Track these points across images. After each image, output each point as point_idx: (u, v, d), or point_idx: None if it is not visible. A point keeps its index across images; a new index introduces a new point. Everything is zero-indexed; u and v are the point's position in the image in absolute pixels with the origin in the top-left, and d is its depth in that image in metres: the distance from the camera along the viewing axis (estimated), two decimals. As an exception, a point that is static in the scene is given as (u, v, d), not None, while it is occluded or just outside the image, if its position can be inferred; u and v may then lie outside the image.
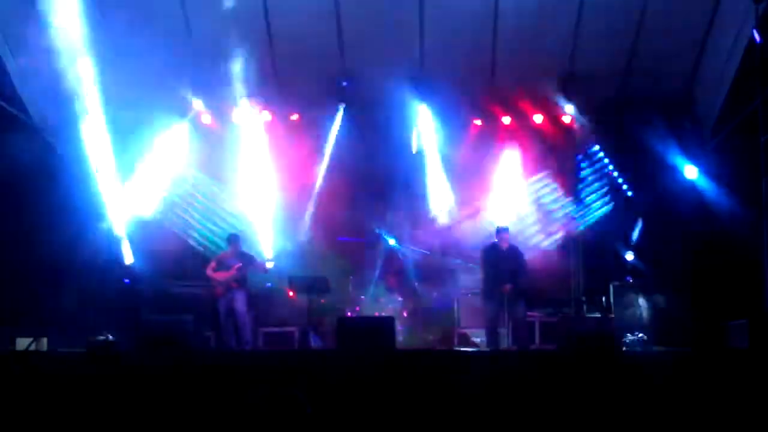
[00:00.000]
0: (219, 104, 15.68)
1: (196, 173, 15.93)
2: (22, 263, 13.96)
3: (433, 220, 15.74)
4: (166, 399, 8.99)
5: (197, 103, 15.66)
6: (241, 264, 13.76)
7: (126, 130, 15.02)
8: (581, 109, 15.44)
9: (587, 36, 14.52)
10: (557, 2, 14.23)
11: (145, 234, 15.16)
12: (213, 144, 15.85)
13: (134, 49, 13.38)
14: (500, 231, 13.52)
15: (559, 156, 15.89)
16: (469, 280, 14.82)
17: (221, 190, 15.71)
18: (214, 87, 15.15)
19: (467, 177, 15.72)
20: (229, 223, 15.46)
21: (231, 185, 15.68)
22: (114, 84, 13.84)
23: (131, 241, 15.02)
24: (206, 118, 15.92)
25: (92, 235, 14.61)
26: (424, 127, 15.59)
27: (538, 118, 15.75)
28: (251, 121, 15.76)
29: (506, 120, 15.81)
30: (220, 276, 13.73)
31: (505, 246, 13.36)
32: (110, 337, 10.81)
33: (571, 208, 15.78)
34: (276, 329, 14.65)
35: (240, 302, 13.59)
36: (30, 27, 12.88)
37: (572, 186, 15.91)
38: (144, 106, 14.68)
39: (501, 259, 13.22)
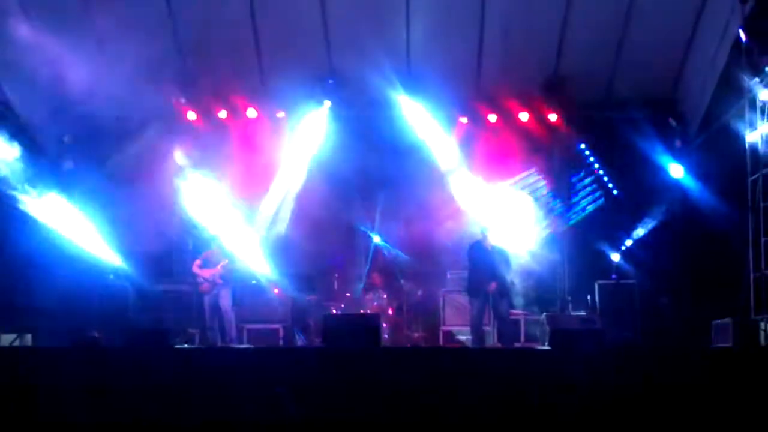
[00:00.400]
0: (204, 101, 15.62)
1: (181, 170, 15.84)
2: (6, 259, 13.87)
3: (418, 219, 15.67)
4: (151, 396, 8.96)
5: (182, 100, 15.55)
6: (226, 261, 13.76)
7: (109, 128, 14.97)
8: (567, 107, 15.43)
9: (574, 34, 14.54)
10: (544, 0, 14.25)
11: (130, 231, 15.10)
12: (197, 141, 15.79)
13: (118, 45, 13.30)
14: (485, 229, 13.55)
15: (545, 154, 15.87)
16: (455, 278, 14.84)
17: (206, 187, 15.59)
18: (199, 84, 15.11)
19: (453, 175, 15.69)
20: (214, 220, 15.36)
21: (216, 182, 15.58)
22: (97, 80, 13.73)
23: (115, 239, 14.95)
24: (191, 115, 15.82)
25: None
26: (411, 124, 15.51)
27: (524, 117, 15.65)
28: (236, 118, 15.73)
29: (492, 118, 15.75)
30: (206, 273, 13.72)
31: (489, 244, 13.39)
32: (95, 334, 10.78)
33: (556, 207, 15.78)
34: (260, 326, 14.62)
35: (225, 299, 13.64)
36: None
37: (558, 185, 15.91)
38: (127, 103, 14.56)
39: (486, 256, 13.24)
